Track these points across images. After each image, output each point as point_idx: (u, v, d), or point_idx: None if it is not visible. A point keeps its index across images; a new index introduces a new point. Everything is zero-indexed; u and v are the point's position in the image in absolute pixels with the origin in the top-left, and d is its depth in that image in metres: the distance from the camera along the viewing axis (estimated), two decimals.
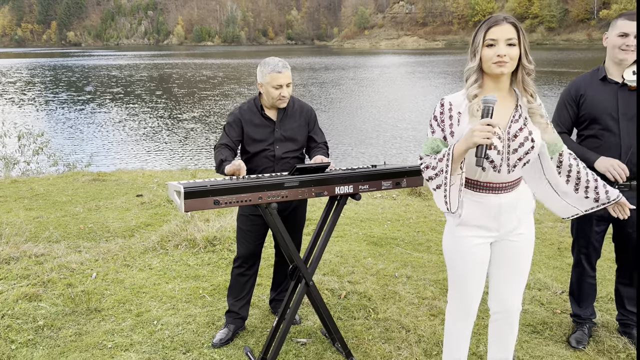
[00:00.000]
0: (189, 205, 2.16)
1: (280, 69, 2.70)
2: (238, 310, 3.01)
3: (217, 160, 2.70)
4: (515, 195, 2.07)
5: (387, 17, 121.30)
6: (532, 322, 3.16)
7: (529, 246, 2.17)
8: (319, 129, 2.98)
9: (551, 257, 4.32)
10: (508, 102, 2.03)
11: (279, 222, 2.45)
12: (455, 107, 2.01)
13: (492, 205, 2.05)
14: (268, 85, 2.72)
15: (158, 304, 3.40)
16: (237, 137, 2.80)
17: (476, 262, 2.11)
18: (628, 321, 2.96)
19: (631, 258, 2.83)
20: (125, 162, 11.84)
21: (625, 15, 2.62)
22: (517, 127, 1.99)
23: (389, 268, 4.03)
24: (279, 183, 2.33)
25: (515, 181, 2.06)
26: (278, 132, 2.81)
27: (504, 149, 1.98)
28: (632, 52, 2.56)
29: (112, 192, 6.53)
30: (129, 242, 4.57)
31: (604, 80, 2.69)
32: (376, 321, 3.18)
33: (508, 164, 1.99)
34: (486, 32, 1.93)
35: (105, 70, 42.76)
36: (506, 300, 2.20)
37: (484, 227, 2.08)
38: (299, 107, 2.91)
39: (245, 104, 2.87)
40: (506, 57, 1.91)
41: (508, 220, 2.08)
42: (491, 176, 2.01)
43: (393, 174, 2.58)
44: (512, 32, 1.92)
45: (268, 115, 2.82)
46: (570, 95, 2.79)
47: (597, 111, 2.66)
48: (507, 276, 2.18)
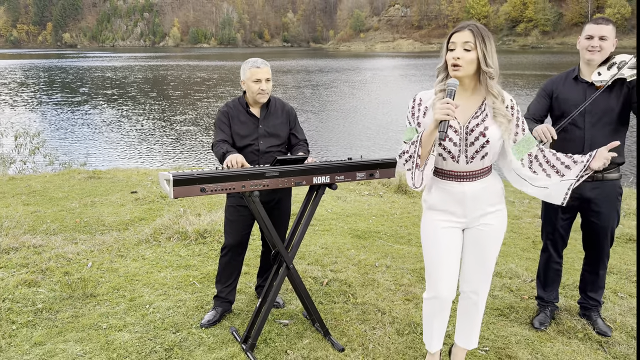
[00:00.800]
0: (177, 192, 2.37)
1: (259, 65, 2.94)
2: (225, 295, 3.23)
3: (219, 154, 2.91)
4: (479, 185, 2.26)
5: (382, 20, 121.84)
6: (500, 306, 3.39)
7: (495, 237, 2.34)
8: (299, 127, 3.21)
9: (525, 250, 4.55)
10: (473, 100, 2.23)
11: (261, 209, 2.67)
12: (424, 102, 2.27)
13: (456, 192, 2.27)
14: (249, 81, 2.95)
15: (150, 290, 3.61)
16: (230, 131, 3.02)
17: (443, 243, 2.31)
18: (587, 305, 3.19)
19: (596, 246, 3.06)
20: (120, 161, 12.03)
21: (592, 21, 2.90)
22: (475, 122, 2.20)
23: (370, 258, 4.25)
24: (261, 173, 2.55)
25: (477, 172, 2.25)
26: (262, 129, 3.03)
27: (461, 141, 2.20)
28: (598, 52, 2.82)
29: (107, 189, 6.73)
30: (123, 234, 4.77)
31: (576, 79, 2.94)
32: (354, 305, 3.40)
33: (466, 155, 2.21)
34: (450, 37, 2.17)
35: (99, 72, 42.86)
36: (473, 283, 2.41)
37: (451, 212, 2.30)
38: (280, 105, 3.15)
39: (231, 102, 3.10)
40: (460, 60, 2.11)
41: (473, 208, 2.28)
42: (451, 165, 2.24)
43: (366, 166, 2.80)
44: (469, 37, 2.11)
45: (252, 113, 3.04)
46: (545, 91, 3.07)
47: (566, 106, 2.92)
48: (473, 262, 2.38)
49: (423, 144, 2.15)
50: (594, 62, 2.85)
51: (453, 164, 2.23)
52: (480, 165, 2.24)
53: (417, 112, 2.27)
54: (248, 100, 3.06)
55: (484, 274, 2.41)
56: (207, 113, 19.36)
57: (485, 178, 2.28)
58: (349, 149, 13.17)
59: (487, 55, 2.13)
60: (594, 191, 2.91)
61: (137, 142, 14.20)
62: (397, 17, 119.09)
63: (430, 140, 2.14)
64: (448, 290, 2.35)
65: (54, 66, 52.24)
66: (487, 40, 2.12)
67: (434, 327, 2.48)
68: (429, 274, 2.39)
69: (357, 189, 6.98)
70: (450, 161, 2.23)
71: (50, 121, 17.76)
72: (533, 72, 35.95)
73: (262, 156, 3.04)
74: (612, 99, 2.83)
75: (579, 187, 2.84)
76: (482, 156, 2.21)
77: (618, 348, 2.89)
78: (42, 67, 50.00)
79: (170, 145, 13.90)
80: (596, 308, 3.17)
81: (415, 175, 2.21)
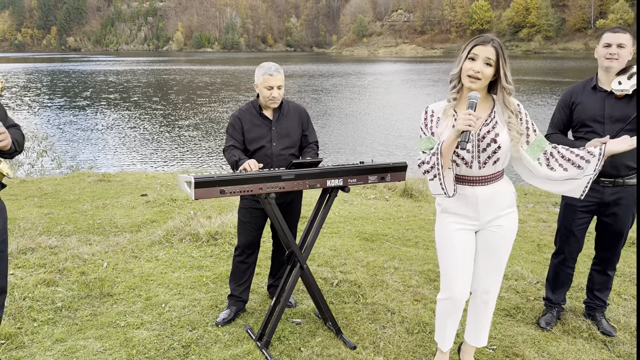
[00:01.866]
0: (198, 193, 2.48)
1: (272, 72, 3.03)
2: (239, 294, 3.32)
3: (232, 162, 3.01)
4: (492, 189, 2.37)
5: (385, 25, 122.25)
6: (506, 307, 3.48)
7: (507, 238, 2.44)
8: (312, 129, 3.31)
9: (530, 253, 4.64)
10: (482, 109, 2.35)
11: (276, 211, 2.77)
12: (435, 113, 2.38)
13: (470, 196, 2.37)
14: (261, 86, 3.05)
15: (165, 290, 3.71)
16: (241, 137, 3.11)
17: (457, 245, 2.41)
18: (593, 305, 3.28)
19: (610, 248, 3.14)
20: (127, 165, 12.15)
21: (609, 29, 2.99)
22: (486, 130, 2.31)
23: (378, 260, 4.34)
24: (277, 176, 2.66)
25: (489, 176, 2.35)
26: (274, 131, 3.13)
27: (474, 148, 2.31)
28: (616, 60, 2.89)
29: (117, 192, 6.84)
30: (136, 236, 4.87)
31: (594, 88, 3.02)
32: (364, 305, 3.49)
33: (479, 161, 2.32)
34: (472, 47, 2.25)
35: (103, 76, 43.05)
36: (484, 283, 2.50)
37: (464, 215, 2.41)
38: (293, 108, 3.24)
39: (244, 106, 3.20)
40: (479, 74, 2.21)
41: (486, 211, 2.38)
42: (464, 170, 2.35)
43: (378, 169, 2.90)
44: (492, 53, 2.20)
45: (266, 115, 3.14)
46: (565, 101, 3.14)
47: (586, 116, 2.99)
48: (486, 263, 2.48)
49: (444, 154, 2.24)
50: (612, 69, 2.92)
51: (467, 169, 2.34)
52: (493, 170, 2.34)
53: (430, 123, 2.38)
54: (261, 103, 3.16)
55: (496, 274, 2.50)
56: (210, 117, 19.49)
57: (497, 182, 2.38)
58: (351, 153, 13.27)
59: (507, 73, 2.24)
60: (613, 195, 2.99)
61: (141, 146, 14.32)
62: (400, 22, 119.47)
63: (451, 150, 2.23)
64: (462, 292, 2.44)
65: (57, 70, 52.54)
66: (507, 59, 2.24)
67: (447, 327, 2.57)
68: (444, 275, 2.48)
69: (363, 193, 7.08)
70: (464, 167, 2.33)
71: (55, 125, 17.89)
72: (534, 77, 36.00)
73: (275, 159, 3.13)
74: (631, 108, 2.90)
75: (599, 192, 2.97)
76: (494, 161, 2.31)
77: (622, 347, 2.98)
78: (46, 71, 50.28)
79: (174, 149, 14.01)
80: (601, 309, 3.26)
81: (445, 183, 2.28)
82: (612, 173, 2.93)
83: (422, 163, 2.32)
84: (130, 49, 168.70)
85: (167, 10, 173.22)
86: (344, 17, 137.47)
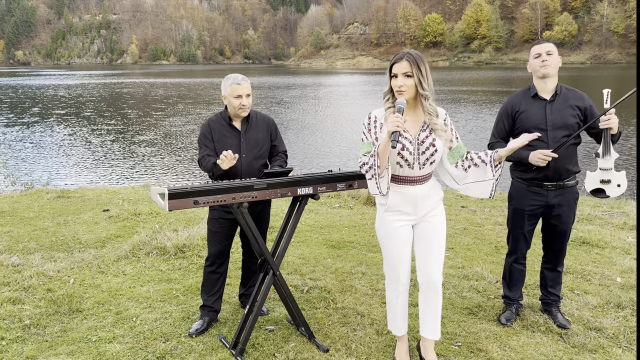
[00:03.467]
0: (172, 204, 2.53)
1: (240, 81, 3.13)
2: (211, 304, 3.37)
3: (209, 166, 3.06)
4: (428, 187, 2.71)
5: (342, 37, 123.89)
6: (469, 305, 3.66)
7: (441, 225, 2.77)
8: (280, 138, 3.41)
9: (489, 254, 4.86)
10: (418, 117, 2.66)
11: (249, 220, 2.85)
12: (379, 119, 2.66)
13: (410, 194, 2.68)
14: (230, 97, 3.14)
15: (135, 304, 3.70)
16: (214, 146, 3.18)
17: (399, 239, 2.73)
18: (548, 300, 3.49)
19: (556, 246, 3.38)
20: (85, 180, 11.87)
21: (535, 43, 3.25)
22: (424, 135, 2.64)
23: (346, 266, 4.46)
24: (250, 185, 2.74)
25: (426, 176, 2.69)
26: (244, 143, 3.21)
27: (415, 151, 2.62)
28: (549, 65, 3.14)
29: (78, 208, 6.72)
30: (102, 251, 4.82)
31: (535, 97, 3.24)
32: (335, 310, 3.60)
33: (419, 162, 2.63)
34: (391, 67, 2.59)
35: (52, 90, 41.72)
36: (429, 272, 2.75)
37: (404, 212, 2.72)
38: (261, 119, 3.33)
39: (214, 117, 3.27)
40: (403, 87, 2.54)
41: (423, 206, 2.72)
42: (407, 171, 2.66)
43: (346, 177, 3.03)
44: (407, 66, 2.52)
45: (235, 126, 3.22)
46: (506, 111, 3.33)
47: (530, 124, 3.20)
48: (426, 250, 2.76)
49: (380, 155, 2.52)
50: (549, 75, 3.15)
51: (409, 170, 2.64)
52: (429, 170, 2.68)
53: (374, 128, 2.65)
54: (230, 114, 3.23)
55: (437, 260, 2.77)
56: (167, 131, 19.23)
57: (430, 180, 2.73)
58: (314, 161, 13.42)
59: (423, 80, 2.56)
60: (557, 198, 3.22)
61: (97, 162, 14.00)
62: (357, 34, 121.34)
63: (386, 151, 2.51)
64: (405, 275, 2.80)
65: (4, 84, 50.62)
66: (422, 67, 2.54)
67: (398, 310, 2.85)
68: (389, 265, 2.80)
69: (328, 202, 7.20)
70: (407, 168, 2.64)
71: (3, 141, 17.29)
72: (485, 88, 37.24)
73: (245, 168, 3.20)
74: (570, 117, 3.13)
75: (544, 195, 3.21)
76: (431, 162, 2.65)
77: (576, 338, 3.19)
78: None
79: (134, 164, 13.79)
80: (556, 303, 3.48)
81: (380, 183, 2.58)
82: (554, 177, 3.17)
83: (363, 164, 2.59)
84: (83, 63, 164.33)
85: (121, 23, 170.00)
86: (302, 30, 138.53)
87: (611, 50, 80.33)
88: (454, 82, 43.34)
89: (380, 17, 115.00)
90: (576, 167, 3.24)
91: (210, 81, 52.37)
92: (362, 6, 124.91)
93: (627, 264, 4.48)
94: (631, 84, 34.05)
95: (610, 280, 4.14)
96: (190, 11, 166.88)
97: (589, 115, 3.16)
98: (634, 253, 4.79)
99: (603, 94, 3.06)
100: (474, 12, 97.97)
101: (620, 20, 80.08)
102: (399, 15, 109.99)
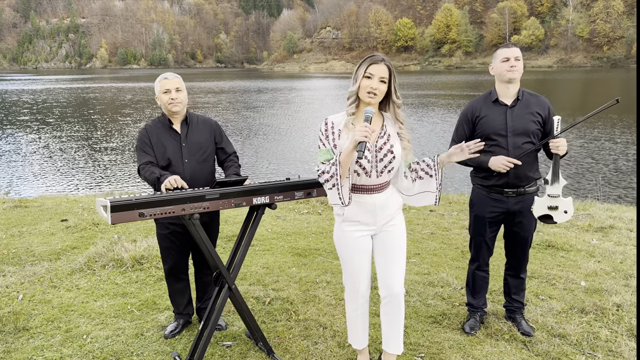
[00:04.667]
0: (115, 217, 2.38)
1: (167, 76, 3.01)
2: (181, 310, 3.32)
3: (153, 179, 2.90)
4: (385, 195, 2.62)
5: (315, 42, 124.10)
6: (433, 313, 3.59)
7: (401, 234, 2.69)
8: (227, 140, 3.28)
9: (455, 259, 4.81)
10: (376, 123, 2.58)
11: (202, 232, 2.71)
12: (336, 125, 2.56)
13: (368, 204, 2.58)
14: (160, 94, 3.01)
15: (87, 320, 3.52)
16: (154, 152, 3.02)
17: (358, 249, 2.63)
18: (512, 308, 3.45)
19: (518, 253, 3.33)
20: (47, 189, 11.47)
21: (503, 45, 3.17)
22: (382, 141, 2.55)
23: (311, 275, 4.35)
24: (201, 196, 2.60)
25: (384, 184, 2.60)
26: (185, 147, 3.06)
27: (372, 158, 2.53)
28: (516, 71, 3.07)
29: (35, 218, 6.44)
30: (55, 264, 4.60)
31: (496, 102, 3.18)
32: (297, 322, 3.48)
33: (377, 170, 2.54)
34: (368, 67, 2.46)
35: (15, 96, 40.47)
36: (391, 285, 2.65)
37: (363, 222, 2.62)
38: (202, 121, 3.19)
39: (151, 122, 3.12)
40: (377, 91, 2.46)
41: (382, 216, 2.62)
42: (364, 180, 2.56)
43: (304, 185, 2.92)
44: (385, 72, 2.46)
45: (175, 129, 3.07)
46: (467, 116, 3.26)
47: (490, 129, 3.14)
48: (387, 261, 2.65)
49: (342, 164, 2.42)
50: (515, 80, 3.09)
51: (366, 179, 2.55)
52: (387, 178, 2.59)
53: (331, 135, 2.54)
54: (167, 115, 3.08)
55: (398, 271, 2.66)
56: (132, 137, 18.79)
57: (389, 189, 2.64)
58: (283, 167, 13.29)
59: (397, 89, 2.52)
60: (517, 205, 3.17)
61: (61, 169, 13.56)
62: (329, 39, 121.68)
63: (349, 160, 2.42)
64: (365, 287, 2.70)
65: None
66: (396, 76, 2.51)
67: (358, 323, 2.76)
68: (348, 276, 2.69)
69: (297, 208, 7.08)
70: (364, 176, 2.54)
71: None
72: (454, 92, 37.70)
73: (189, 174, 3.03)
74: (531, 123, 3.08)
75: (504, 202, 3.15)
76: (389, 170, 2.57)
77: (540, 346, 3.14)
78: None
79: (98, 171, 13.42)
80: (520, 310, 3.43)
81: (342, 192, 2.47)
82: (514, 183, 3.12)
83: (322, 173, 2.49)
84: (51, 67, 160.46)
85: (90, 26, 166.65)
86: (274, 34, 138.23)
87: (577, 54, 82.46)
88: (423, 86, 43.75)
89: (352, 21, 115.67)
90: (537, 173, 3.20)
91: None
92: (334, 10, 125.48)
93: (591, 267, 4.49)
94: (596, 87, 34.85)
95: (574, 284, 4.13)
96: (160, 15, 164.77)
97: (548, 124, 3.13)
98: (598, 256, 4.81)
99: (553, 121, 3.04)
100: (444, 16, 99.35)
101: (585, 25, 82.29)
102: (371, 19, 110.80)
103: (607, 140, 15.80)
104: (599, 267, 4.50)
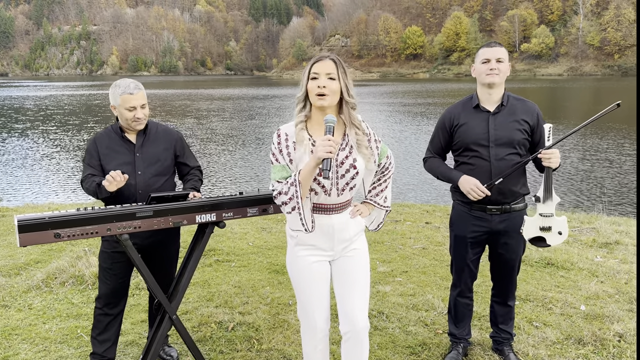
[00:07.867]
0: (24, 239, 2.05)
1: (132, 91, 2.62)
2: (103, 352, 2.81)
3: (93, 188, 2.55)
4: (345, 216, 2.26)
5: (324, 49, 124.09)
6: (412, 343, 3.21)
7: (364, 260, 2.33)
8: (190, 154, 2.92)
9: (444, 278, 4.43)
10: (337, 132, 2.19)
11: (135, 255, 2.37)
12: (290, 137, 2.15)
13: (325, 225, 2.20)
14: (120, 108, 2.63)
15: (29, 347, 3.19)
16: (100, 165, 2.68)
17: (314, 277, 2.26)
18: (500, 338, 3.06)
19: (504, 277, 2.95)
20: (35, 198, 11.20)
21: (485, 45, 2.79)
22: (343, 155, 2.15)
23: (284, 296, 3.99)
24: (131, 213, 2.27)
25: (344, 203, 2.24)
26: (139, 157, 2.70)
27: (333, 174, 2.13)
28: (497, 74, 2.69)
29: (7, 229, 6.15)
30: (13, 280, 4.29)
31: (477, 108, 2.80)
32: (258, 352, 3.12)
33: (337, 188, 2.15)
34: (311, 67, 2.10)
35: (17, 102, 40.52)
36: (353, 320, 2.26)
37: (319, 247, 2.23)
38: (162, 131, 2.83)
39: (103, 131, 2.76)
40: (326, 89, 2.08)
41: (340, 239, 2.24)
42: (323, 199, 2.16)
43: (259, 201, 2.57)
44: (332, 67, 2.10)
45: (128, 139, 2.72)
46: (443, 124, 2.88)
47: (469, 139, 2.76)
48: (349, 290, 2.28)
49: (302, 183, 2.05)
50: (495, 85, 2.72)
51: (325, 198, 2.17)
52: (349, 197, 2.23)
53: (286, 149, 2.16)
54: (122, 126, 2.73)
55: (360, 303, 2.29)
56: None
57: (348, 208, 2.27)
58: None
59: (349, 86, 2.13)
60: (502, 223, 2.79)
61: (51, 178, 13.29)
62: (338, 46, 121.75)
63: (310, 179, 2.06)
64: (323, 320, 2.32)
65: None
66: (347, 72, 2.13)
67: None
68: (303, 309, 2.31)
69: (284, 219, 6.74)
70: (323, 195, 2.16)
71: None
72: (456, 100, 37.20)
73: (142, 188, 2.67)
74: (516, 132, 2.72)
75: (488, 220, 2.77)
76: (351, 187, 2.20)
77: None
78: None
79: None
80: (508, 341, 3.05)
81: (305, 217, 2.11)
82: (498, 199, 2.74)
83: (279, 194, 2.11)
84: (62, 74, 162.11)
85: (101, 34, 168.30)
86: (284, 42, 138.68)
87: (587, 63, 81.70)
88: (431, 94, 43.32)
89: (362, 29, 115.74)
90: (524, 188, 2.81)
91: (189, 92, 51.74)
92: (344, 18, 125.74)
93: (592, 288, 4.09)
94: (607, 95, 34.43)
95: (573, 308, 3.74)
96: (171, 22, 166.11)
97: (537, 133, 2.75)
98: (601, 275, 4.41)
99: (544, 129, 2.66)
100: (453, 24, 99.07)
101: (595, 33, 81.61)
102: (380, 27, 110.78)
103: (613, 151, 15.32)
104: (601, 288, 4.10)
